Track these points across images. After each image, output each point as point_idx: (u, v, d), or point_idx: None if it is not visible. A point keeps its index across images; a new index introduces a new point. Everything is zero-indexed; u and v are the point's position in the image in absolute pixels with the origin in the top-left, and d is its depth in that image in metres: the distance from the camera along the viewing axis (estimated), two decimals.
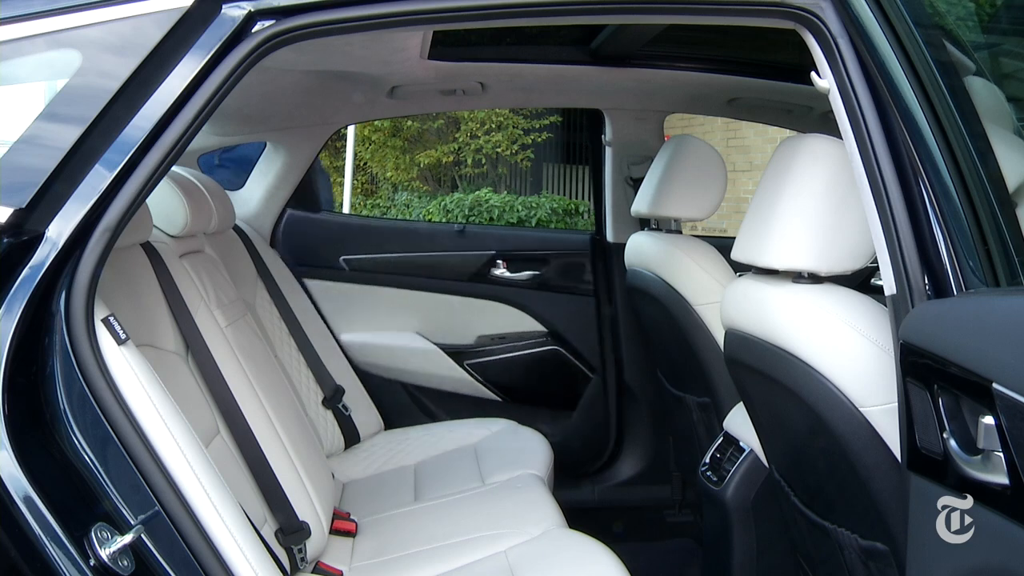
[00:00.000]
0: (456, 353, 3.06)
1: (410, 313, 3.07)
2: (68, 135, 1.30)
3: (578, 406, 3.13)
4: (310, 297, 2.98)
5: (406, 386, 3.07)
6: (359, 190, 10.25)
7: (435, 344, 3.04)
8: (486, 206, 8.33)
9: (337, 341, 2.95)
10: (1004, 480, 1.03)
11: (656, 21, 2.11)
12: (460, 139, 9.51)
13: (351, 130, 8.06)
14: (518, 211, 8.37)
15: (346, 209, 8.28)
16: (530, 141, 9.50)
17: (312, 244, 3.06)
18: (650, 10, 1.54)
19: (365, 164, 10.14)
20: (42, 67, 1.39)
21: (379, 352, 3.02)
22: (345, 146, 8.17)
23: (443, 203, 8.51)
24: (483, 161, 9.67)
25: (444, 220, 8.02)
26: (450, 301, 3.08)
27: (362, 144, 9.60)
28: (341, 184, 8.83)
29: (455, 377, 3.06)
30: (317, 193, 3.28)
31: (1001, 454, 1.03)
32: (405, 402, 3.06)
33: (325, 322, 2.95)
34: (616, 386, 3.11)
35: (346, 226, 3.25)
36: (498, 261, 3.09)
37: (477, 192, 8.64)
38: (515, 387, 3.11)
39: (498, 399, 3.10)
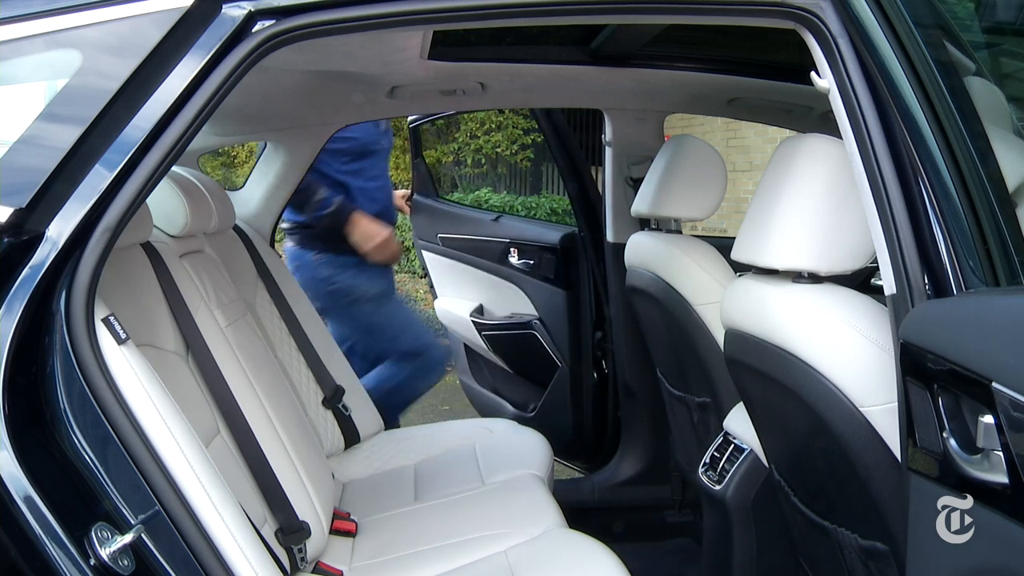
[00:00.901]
0: (479, 324, 3.49)
1: (470, 285, 3.58)
2: (68, 135, 1.30)
3: (544, 395, 3.35)
4: (424, 266, 3.71)
5: (466, 344, 3.67)
6: None
7: (468, 315, 3.52)
8: (486, 206, 8.32)
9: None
10: (1004, 479, 1.03)
11: (656, 21, 2.11)
12: (460, 139, 9.51)
13: None
14: (518, 211, 8.36)
15: None
16: (530, 141, 9.49)
17: (424, 222, 3.73)
18: (650, 10, 1.54)
19: None
20: (42, 67, 1.39)
21: (447, 316, 3.68)
22: None
23: None
24: (483, 161, 9.67)
25: None
26: (486, 278, 3.52)
27: None
28: None
29: (480, 344, 3.51)
30: (432, 182, 4.06)
31: (1001, 453, 1.03)
32: (463, 359, 3.73)
33: (434, 287, 3.70)
34: (598, 382, 3.27)
35: (439, 210, 3.81)
36: (511, 249, 3.43)
37: (477, 192, 8.64)
38: (512, 361, 3.50)
39: (508, 370, 3.53)
